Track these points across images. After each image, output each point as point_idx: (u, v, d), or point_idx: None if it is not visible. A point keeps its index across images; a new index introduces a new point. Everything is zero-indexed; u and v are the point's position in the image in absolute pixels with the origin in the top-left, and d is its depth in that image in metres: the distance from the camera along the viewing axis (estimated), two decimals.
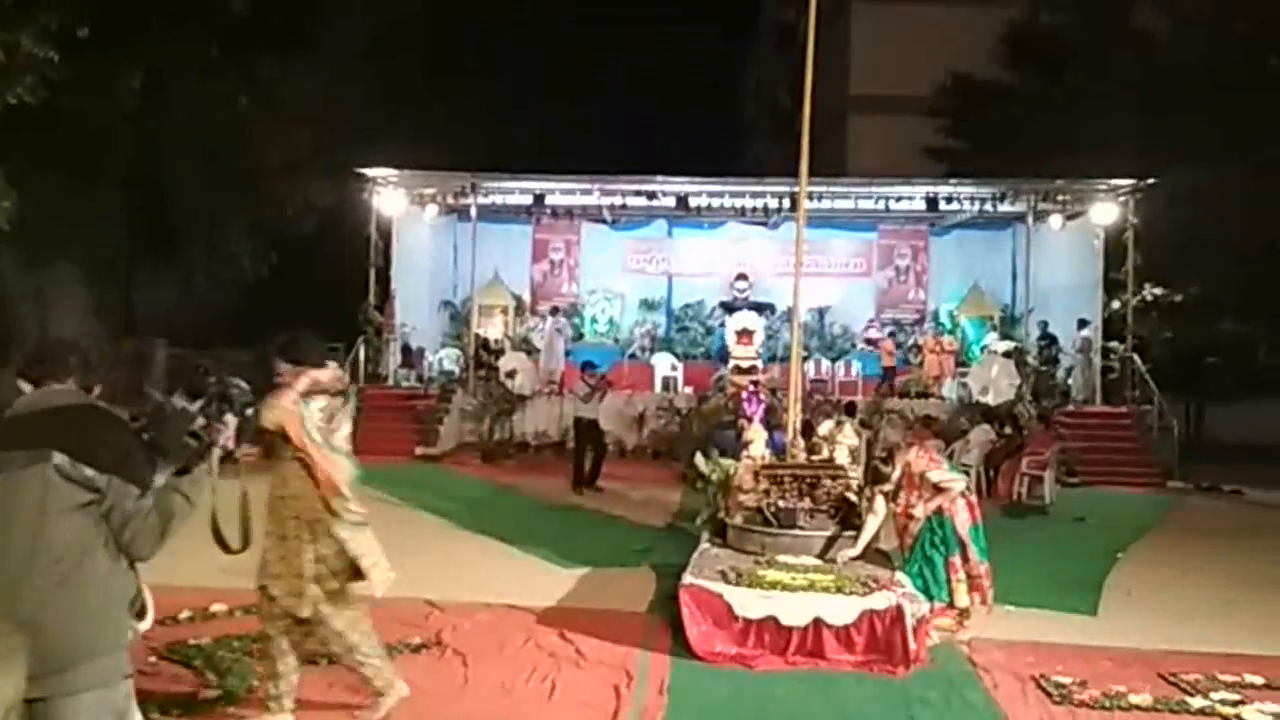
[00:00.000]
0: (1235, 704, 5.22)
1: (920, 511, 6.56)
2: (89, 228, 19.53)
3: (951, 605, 6.42)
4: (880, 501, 6.76)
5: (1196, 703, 5.25)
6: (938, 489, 6.54)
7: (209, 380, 3.34)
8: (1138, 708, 5.18)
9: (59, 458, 2.62)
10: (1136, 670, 5.84)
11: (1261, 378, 23.70)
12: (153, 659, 5.51)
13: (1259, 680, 5.65)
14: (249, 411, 3.36)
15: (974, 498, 6.80)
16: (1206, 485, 15.27)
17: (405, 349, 19.24)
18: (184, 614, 6.39)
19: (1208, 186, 18.31)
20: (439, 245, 20.68)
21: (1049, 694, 5.37)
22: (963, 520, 6.52)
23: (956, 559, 6.44)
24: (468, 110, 26.34)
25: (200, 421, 3.05)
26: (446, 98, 25.74)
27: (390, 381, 18.65)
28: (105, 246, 20.45)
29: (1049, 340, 18.49)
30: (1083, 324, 18.18)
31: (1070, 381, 18.40)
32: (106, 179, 19.78)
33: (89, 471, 2.65)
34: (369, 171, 18.23)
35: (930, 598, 6.34)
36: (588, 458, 13.39)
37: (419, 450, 16.08)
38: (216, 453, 3.10)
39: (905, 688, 5.47)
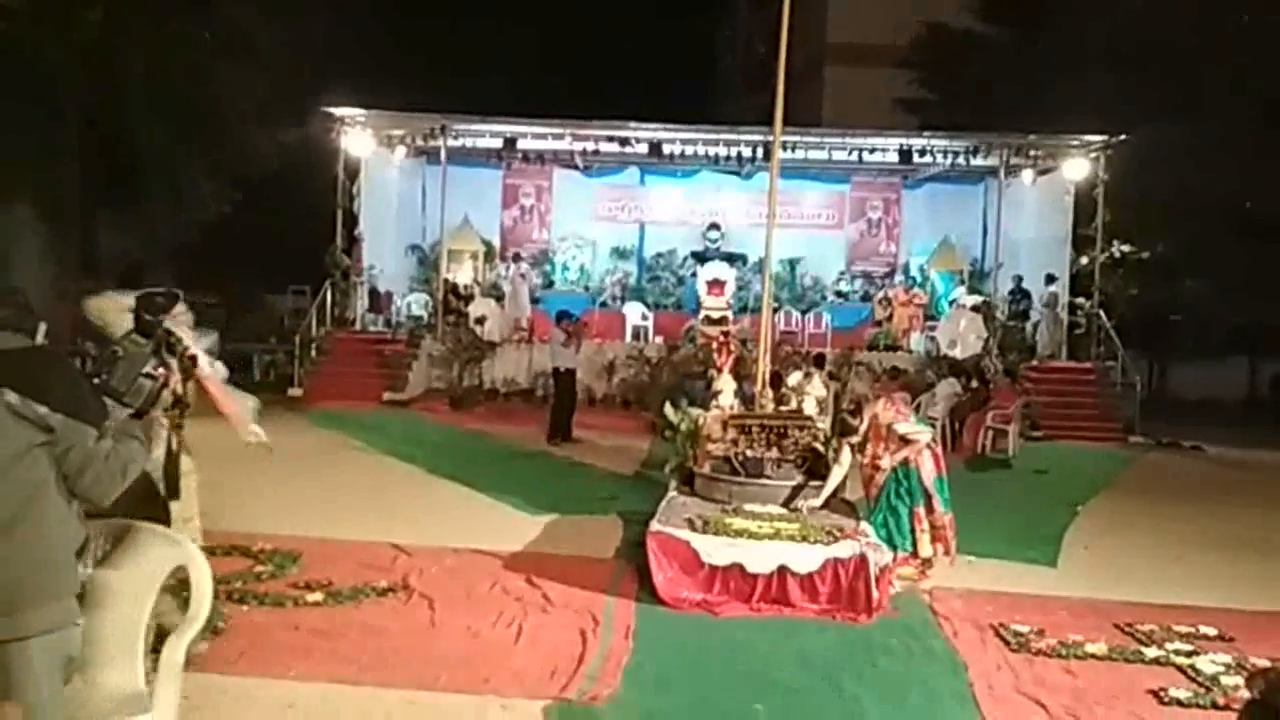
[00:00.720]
0: (1189, 654, 5.33)
1: (886, 463, 6.62)
2: (46, 166, 19.06)
3: (915, 555, 6.51)
4: (846, 453, 6.82)
5: (1151, 653, 5.37)
6: (904, 441, 6.60)
7: (160, 320, 3.27)
8: (1093, 656, 5.28)
9: (10, 395, 2.55)
10: (1093, 620, 5.96)
11: (1223, 336, 24.07)
12: None
13: (1212, 631, 5.78)
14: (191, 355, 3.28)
15: (939, 450, 6.87)
16: (1167, 441, 15.53)
17: (373, 293, 19.03)
18: None
19: (1175, 146, 18.40)
20: (408, 188, 20.37)
21: (1007, 642, 5.46)
22: (928, 471, 6.59)
23: (921, 509, 6.53)
24: (438, 52, 25.88)
25: (153, 363, 2.98)
26: (417, 39, 25.25)
27: (358, 326, 18.46)
28: (63, 186, 19.99)
29: (1022, 295, 18.60)
30: (1050, 279, 18.30)
31: (1037, 337, 18.55)
32: (64, 116, 19.27)
33: (41, 410, 2.58)
34: (336, 111, 17.86)
35: (894, 547, 6.43)
36: (563, 409, 13.33)
37: (387, 396, 15.99)
38: (167, 395, 3.02)
39: (868, 635, 5.55)
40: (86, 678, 2.96)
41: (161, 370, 3.02)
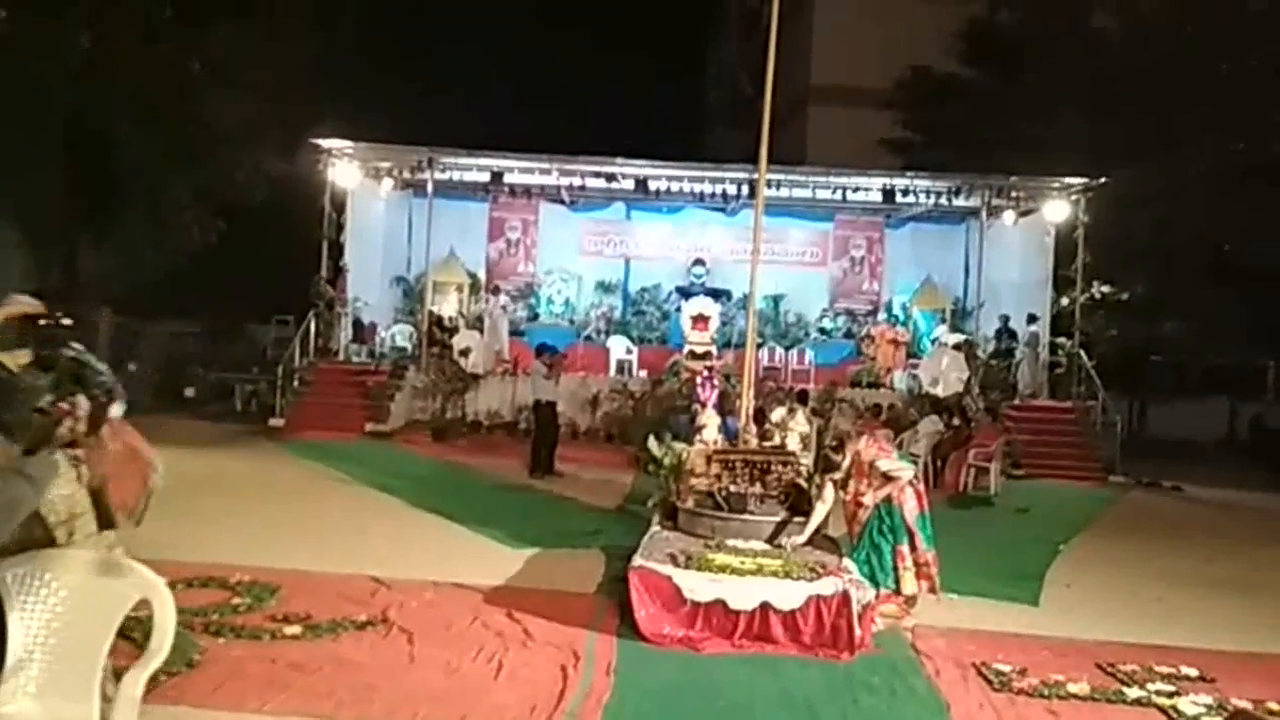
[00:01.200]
0: (1171, 695, 5.33)
1: (869, 500, 6.62)
2: (30, 189, 18.99)
3: (898, 592, 6.50)
4: (829, 489, 6.81)
5: (1133, 693, 5.36)
6: (887, 478, 6.60)
7: (63, 352, 3.13)
8: (1075, 696, 5.27)
9: None
10: (1075, 660, 5.94)
11: (1202, 377, 24.27)
12: None
13: (1193, 672, 5.77)
14: (105, 394, 3.13)
15: (922, 487, 6.87)
16: (1147, 481, 15.60)
17: (357, 324, 19.01)
18: None
19: (1154, 188, 18.65)
20: (394, 220, 20.41)
21: (989, 681, 5.45)
22: (911, 509, 6.59)
23: (904, 547, 6.51)
24: (426, 86, 26.02)
25: (49, 398, 2.85)
26: (406, 73, 25.39)
27: (341, 357, 18.41)
28: (47, 209, 19.91)
29: (1008, 334, 18.73)
30: (1032, 319, 18.47)
31: (1018, 376, 18.66)
32: (50, 139, 19.22)
33: None
34: (324, 143, 17.92)
35: (877, 585, 6.42)
36: (544, 442, 13.30)
37: (369, 427, 15.93)
38: (64, 432, 2.88)
39: (850, 672, 5.53)
40: (44, 706, 2.91)
41: (62, 406, 2.89)
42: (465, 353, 17.33)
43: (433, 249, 19.04)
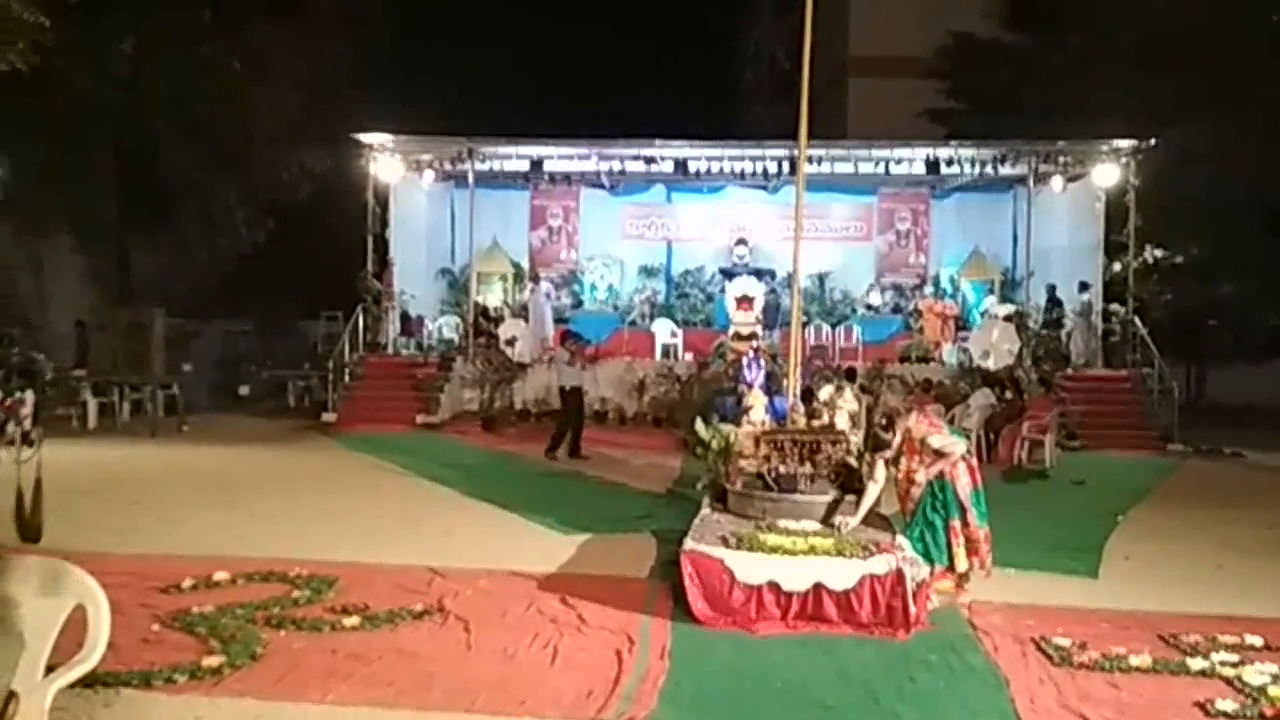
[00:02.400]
0: (1235, 665, 5.22)
1: (921, 476, 6.56)
2: (83, 196, 19.42)
3: (951, 568, 6.44)
4: (880, 468, 6.75)
5: (1196, 664, 5.26)
6: (939, 454, 6.53)
7: (13, 352, 3.17)
8: (1137, 669, 5.18)
9: None
10: (1136, 632, 5.85)
11: (1261, 340, 23.68)
12: (156, 627, 5.53)
13: (1258, 641, 5.65)
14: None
15: (975, 462, 6.79)
16: (1206, 448, 15.29)
17: (404, 317, 19.19)
18: (187, 582, 6.41)
19: (1206, 148, 18.19)
20: (436, 212, 20.56)
21: (1049, 656, 5.38)
22: (964, 484, 6.51)
23: (957, 522, 6.45)
24: (463, 77, 26.13)
25: None
26: (442, 65, 25.51)
27: (390, 350, 18.61)
28: (100, 215, 20.35)
29: (1055, 304, 18.43)
30: (1084, 287, 18.12)
31: (1071, 345, 18.35)
32: (99, 147, 19.65)
33: None
34: (365, 138, 18.08)
35: (931, 561, 6.36)
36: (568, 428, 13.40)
37: (420, 419, 16.09)
38: (15, 431, 2.95)
39: (905, 650, 5.49)
40: None
41: (6, 402, 2.92)
42: (511, 342, 17.45)
43: (476, 239, 19.15)
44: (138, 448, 14.01)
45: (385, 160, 18.47)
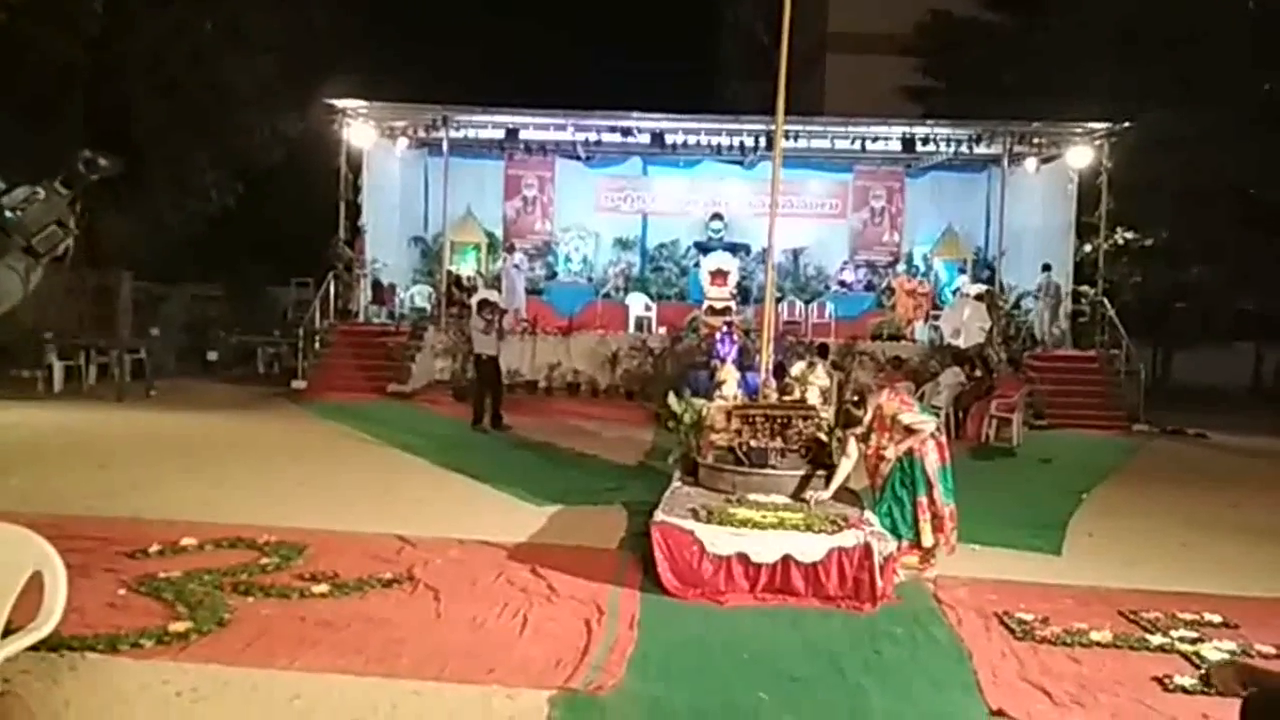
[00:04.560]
0: (1194, 641, 5.32)
1: (891, 453, 6.61)
2: (50, 157, 19.04)
3: (918, 544, 6.51)
4: (852, 444, 6.80)
5: (1156, 640, 5.36)
6: (909, 430, 6.59)
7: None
8: (1098, 644, 5.27)
9: None
10: (1097, 608, 5.95)
11: (1227, 323, 24.02)
12: (122, 592, 5.49)
13: (1217, 619, 5.77)
14: None
15: (944, 439, 6.86)
16: (1171, 429, 15.52)
17: (376, 285, 19.05)
18: (154, 548, 6.36)
19: (1180, 132, 18.34)
20: (410, 180, 20.39)
21: (1011, 630, 5.46)
22: (932, 461, 6.58)
23: (924, 499, 6.52)
24: (439, 44, 25.84)
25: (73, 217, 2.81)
26: (419, 31, 25.20)
27: (361, 318, 18.48)
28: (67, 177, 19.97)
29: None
30: (1046, 268, 18.32)
31: (1035, 326, 18.54)
32: (68, 108, 19.25)
33: None
34: (338, 103, 17.85)
35: (898, 536, 6.43)
36: (486, 396, 13.34)
37: (391, 388, 16.02)
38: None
39: (872, 623, 5.56)
40: None
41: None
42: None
43: (449, 208, 19.02)
44: (104, 412, 13.86)
45: (359, 126, 18.27)
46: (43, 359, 15.77)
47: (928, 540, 6.51)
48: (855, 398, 7.11)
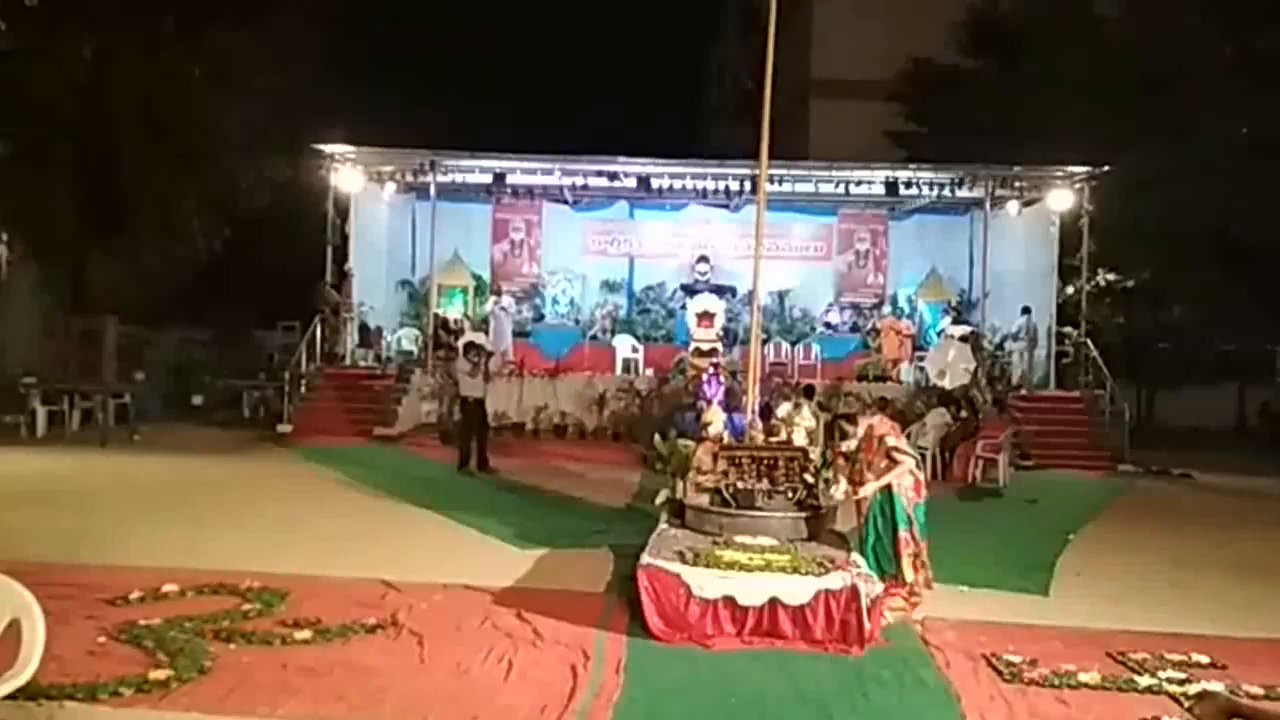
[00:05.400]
0: (1182, 682, 5.32)
1: (868, 490, 6.67)
2: (38, 201, 19.07)
3: (900, 579, 6.51)
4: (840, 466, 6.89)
5: (1144, 681, 5.35)
6: (891, 458, 6.63)
7: None
8: (1086, 686, 5.26)
9: None
10: (1086, 649, 5.94)
11: (1210, 363, 24.16)
12: (102, 639, 5.43)
13: (1204, 659, 5.76)
14: None
15: (922, 476, 6.88)
16: (1156, 469, 15.55)
17: (363, 328, 19.02)
18: (134, 594, 6.29)
19: (1159, 174, 18.58)
20: (397, 224, 20.44)
21: (1000, 672, 5.44)
22: (909, 496, 6.63)
23: (905, 533, 6.55)
24: (427, 89, 26.05)
25: None
26: (406, 77, 25.40)
27: (347, 361, 18.43)
28: (55, 220, 19.98)
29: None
30: (1025, 310, 18.47)
31: (1014, 368, 18.64)
32: (56, 151, 19.30)
33: None
34: (326, 148, 17.96)
35: (882, 572, 6.44)
36: (471, 438, 13.36)
37: (377, 431, 15.95)
38: None
39: (860, 666, 5.53)
40: None
41: None
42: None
43: (437, 252, 19.07)
44: (87, 457, 13.75)
45: (346, 171, 18.35)
46: (26, 404, 15.66)
47: (909, 575, 6.53)
48: (846, 415, 7.19)
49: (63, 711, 4.41)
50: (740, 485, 7.33)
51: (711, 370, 15.16)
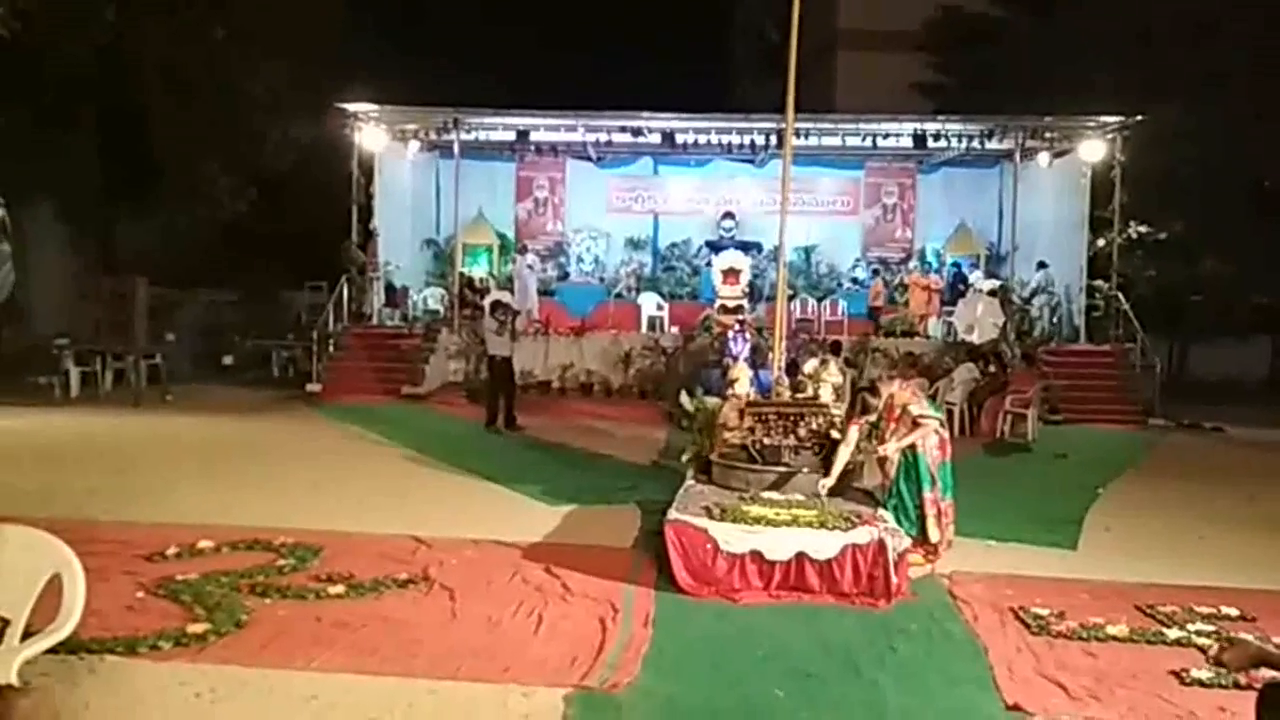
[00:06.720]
0: (1210, 635, 5.30)
1: (893, 449, 6.63)
2: (65, 164, 19.20)
3: (924, 539, 6.51)
4: (853, 431, 6.80)
5: (1172, 634, 5.34)
6: (915, 423, 6.60)
7: None
8: (1114, 638, 5.26)
9: None
10: (1114, 602, 5.93)
11: (1244, 316, 23.84)
12: (141, 594, 5.54)
13: (1234, 612, 5.75)
14: None
15: (947, 435, 6.84)
16: (1188, 423, 15.43)
17: (389, 288, 19.11)
18: (171, 550, 6.41)
19: (1193, 125, 18.22)
20: (422, 182, 20.44)
21: (1027, 625, 5.45)
22: (934, 456, 6.60)
23: (929, 494, 6.53)
24: (451, 46, 25.89)
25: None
26: (429, 34, 25.24)
27: (374, 321, 18.54)
28: (82, 183, 20.13)
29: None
30: (1041, 265, 18.27)
31: (1040, 323, 18.48)
32: (81, 114, 19.39)
33: None
34: (350, 106, 17.93)
35: (906, 531, 6.43)
36: (500, 397, 13.38)
37: (405, 390, 16.06)
38: None
39: (886, 619, 5.55)
40: None
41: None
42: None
43: (461, 210, 19.05)
44: (121, 417, 13.95)
45: (370, 130, 18.33)
46: (59, 365, 15.88)
47: (934, 535, 6.52)
48: (868, 385, 7.15)
49: (103, 665, 4.51)
50: (767, 441, 7.34)
51: (737, 327, 15.13)
